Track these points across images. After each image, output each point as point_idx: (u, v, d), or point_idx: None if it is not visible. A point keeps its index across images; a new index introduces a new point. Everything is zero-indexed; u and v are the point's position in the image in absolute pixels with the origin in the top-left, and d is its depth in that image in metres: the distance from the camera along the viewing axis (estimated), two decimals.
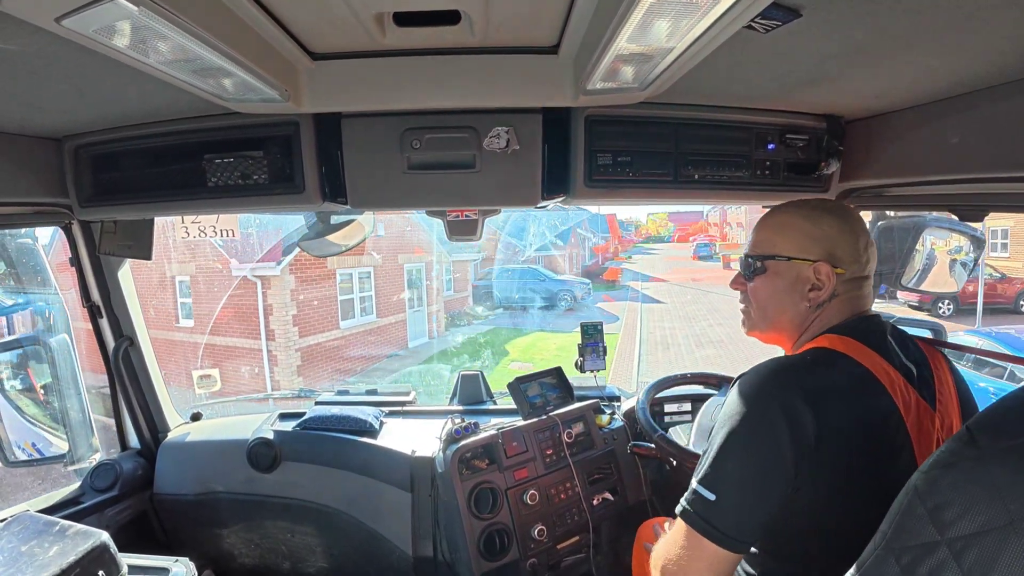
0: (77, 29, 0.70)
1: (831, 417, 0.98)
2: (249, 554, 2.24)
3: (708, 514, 0.99)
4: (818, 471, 0.98)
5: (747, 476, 1.00)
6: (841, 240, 1.13)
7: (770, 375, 1.04)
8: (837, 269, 1.12)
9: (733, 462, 1.00)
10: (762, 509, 0.99)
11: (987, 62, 1.00)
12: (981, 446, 0.67)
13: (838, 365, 1.05)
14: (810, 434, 0.96)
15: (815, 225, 1.15)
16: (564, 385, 2.20)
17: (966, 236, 1.89)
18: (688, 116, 1.47)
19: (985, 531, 0.63)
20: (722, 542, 0.98)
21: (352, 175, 1.42)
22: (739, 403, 1.02)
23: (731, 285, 1.29)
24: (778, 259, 1.17)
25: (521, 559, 1.85)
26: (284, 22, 0.91)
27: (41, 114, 1.32)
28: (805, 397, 0.98)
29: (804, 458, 0.96)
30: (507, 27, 0.98)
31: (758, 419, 1.00)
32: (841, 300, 1.14)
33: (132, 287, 2.07)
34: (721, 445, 1.01)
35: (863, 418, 1.01)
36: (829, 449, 0.97)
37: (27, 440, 1.88)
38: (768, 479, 0.99)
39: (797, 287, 1.16)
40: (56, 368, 1.81)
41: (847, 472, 0.99)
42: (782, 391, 1.00)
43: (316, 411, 2.26)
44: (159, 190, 1.50)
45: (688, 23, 0.76)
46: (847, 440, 0.99)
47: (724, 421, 1.03)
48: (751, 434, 1.00)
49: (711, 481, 1.00)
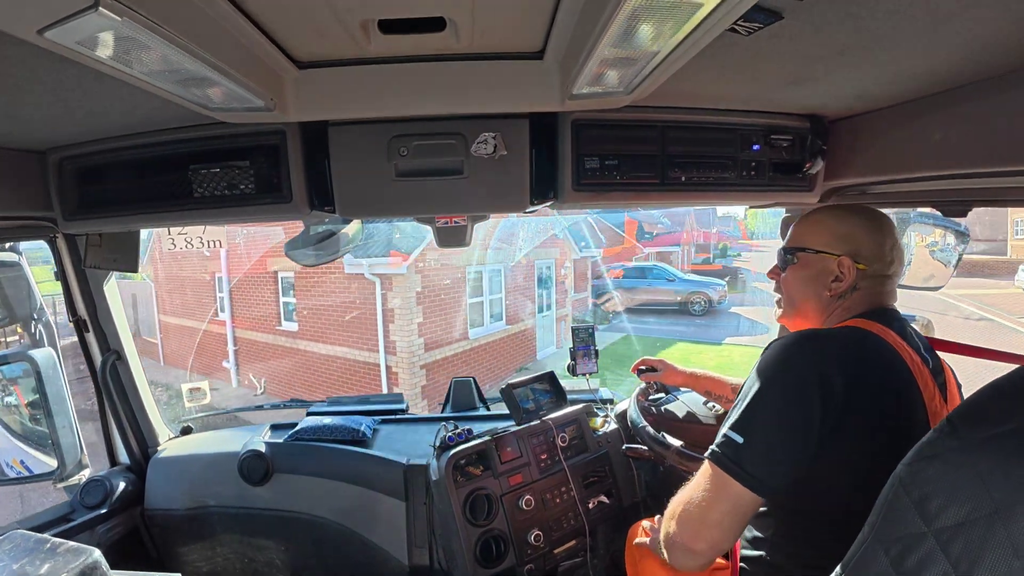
0: (60, 41, 0.69)
1: (859, 381, 1.05)
2: (243, 568, 2.22)
3: (737, 455, 1.06)
4: (844, 429, 1.04)
5: (776, 424, 1.07)
6: (866, 239, 1.25)
7: (803, 339, 1.13)
8: (859, 264, 1.24)
9: (763, 411, 1.08)
10: (788, 456, 1.06)
11: (965, 60, 1.02)
12: (963, 436, 0.68)
13: (867, 340, 1.14)
14: (839, 393, 1.03)
15: (842, 224, 1.28)
16: (557, 389, 2.20)
17: (950, 231, 1.92)
18: (673, 119, 1.48)
19: (971, 520, 0.64)
20: (748, 482, 1.05)
21: (340, 183, 1.42)
22: (772, 361, 1.11)
23: (768, 274, 1.44)
24: (807, 251, 1.31)
25: (518, 565, 1.85)
26: (269, 31, 0.91)
27: (24, 127, 1.30)
28: (836, 360, 1.07)
29: (831, 414, 1.03)
30: (492, 33, 0.99)
31: (791, 375, 1.08)
32: (862, 293, 1.25)
33: (119, 300, 2.05)
34: (753, 396, 1.09)
35: (887, 387, 1.08)
36: (856, 409, 1.04)
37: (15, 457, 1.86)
38: (796, 429, 1.05)
39: (821, 278, 1.28)
40: (43, 384, 1.78)
41: (871, 433, 1.06)
42: (814, 352, 1.10)
43: (308, 422, 2.24)
44: (144, 202, 1.49)
45: (671, 27, 0.76)
46: (872, 403, 1.06)
47: (756, 376, 1.11)
48: (783, 387, 1.08)
49: (741, 426, 1.08)
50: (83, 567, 1.00)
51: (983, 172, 1.16)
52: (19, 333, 3.70)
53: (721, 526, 1.08)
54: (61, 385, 1.82)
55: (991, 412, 0.68)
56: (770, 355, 1.12)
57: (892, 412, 1.07)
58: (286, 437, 2.19)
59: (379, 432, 2.28)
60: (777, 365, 1.10)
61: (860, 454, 1.05)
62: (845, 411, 1.03)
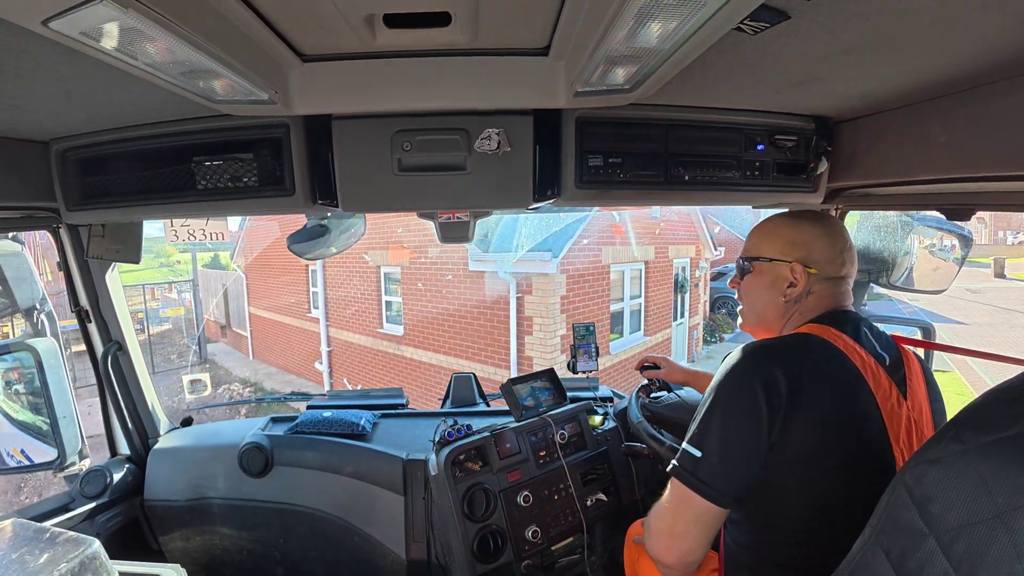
0: (64, 31, 0.69)
1: (802, 380, 1.10)
2: (241, 560, 2.22)
3: (695, 469, 1.12)
4: (791, 427, 1.08)
5: (727, 433, 1.12)
6: (817, 244, 1.30)
7: (750, 350, 1.17)
8: (811, 269, 1.30)
9: (715, 422, 1.13)
10: (742, 463, 1.11)
11: (973, 62, 1.02)
12: (966, 440, 0.68)
13: (812, 344, 1.18)
14: (782, 393, 1.08)
15: (794, 231, 1.34)
16: (556, 386, 2.20)
17: (954, 235, 1.91)
18: (678, 117, 1.47)
19: (973, 523, 0.64)
20: (707, 494, 1.10)
21: (343, 177, 1.41)
22: (723, 375, 1.16)
23: (729, 284, 1.49)
24: (762, 260, 1.37)
25: (515, 561, 1.85)
26: (274, 24, 0.91)
27: (28, 117, 1.30)
28: (779, 365, 1.11)
29: (777, 414, 1.08)
30: (498, 29, 0.98)
31: (737, 385, 1.13)
32: (816, 297, 1.31)
33: (120, 291, 2.06)
34: (706, 409, 1.15)
35: (833, 383, 1.13)
36: (801, 406, 1.08)
37: (15, 447, 1.86)
38: (745, 434, 1.10)
39: (777, 284, 1.34)
40: (44, 373, 1.79)
41: (819, 429, 1.10)
42: (758, 360, 1.15)
43: (308, 415, 2.25)
44: (147, 193, 1.49)
45: (678, 25, 0.76)
46: (817, 399, 1.10)
47: (710, 391, 1.17)
48: (731, 398, 1.13)
49: (697, 440, 1.14)
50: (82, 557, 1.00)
51: (988, 176, 1.15)
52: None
53: (687, 537, 1.13)
54: (62, 375, 1.82)
55: (994, 417, 0.68)
56: (722, 368, 1.18)
57: (839, 409, 1.11)
58: (286, 430, 2.19)
59: (379, 426, 2.29)
60: (726, 377, 1.15)
61: (811, 453, 1.09)
62: (790, 409, 1.08)
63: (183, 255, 24.02)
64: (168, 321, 17.35)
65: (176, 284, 19.68)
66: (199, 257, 22.10)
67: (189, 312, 16.96)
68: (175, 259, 26.65)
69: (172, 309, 17.33)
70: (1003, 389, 0.69)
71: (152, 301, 18.09)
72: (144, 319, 15.75)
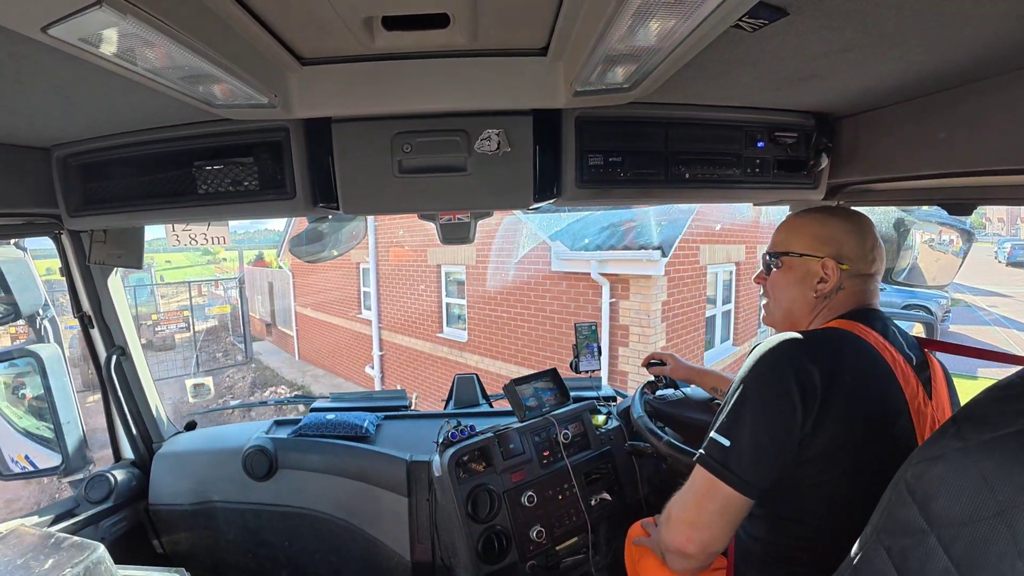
0: (63, 38, 0.69)
1: (836, 375, 1.07)
2: (246, 564, 2.23)
3: (724, 458, 1.10)
4: (824, 422, 1.06)
5: (759, 424, 1.09)
6: (847, 240, 1.28)
7: (783, 341, 1.15)
8: (842, 265, 1.27)
9: (746, 412, 1.10)
10: (773, 455, 1.09)
11: (973, 57, 1.01)
12: (967, 438, 0.68)
13: (845, 338, 1.16)
14: (817, 387, 1.06)
15: (823, 226, 1.31)
16: (559, 386, 2.20)
17: (955, 230, 1.91)
18: (678, 115, 1.47)
19: (974, 521, 0.64)
20: (735, 484, 1.08)
21: (343, 180, 1.42)
22: (753, 364, 1.14)
23: (754, 280, 1.47)
24: (791, 255, 1.34)
25: (520, 561, 1.85)
26: (273, 27, 0.91)
27: (28, 123, 1.30)
28: (813, 357, 1.09)
29: (811, 409, 1.06)
30: (496, 29, 0.98)
31: (770, 375, 1.11)
32: (846, 293, 1.28)
33: (123, 296, 2.06)
34: (736, 399, 1.12)
35: (865, 380, 1.11)
36: (834, 402, 1.06)
37: (20, 453, 1.87)
38: (778, 427, 1.08)
39: (807, 280, 1.31)
40: (47, 379, 1.79)
41: (849, 425, 1.08)
42: (792, 352, 1.12)
43: (311, 417, 2.25)
44: (149, 198, 1.49)
45: (676, 23, 0.76)
46: (850, 395, 1.08)
47: (739, 380, 1.14)
48: (763, 387, 1.11)
49: (726, 429, 1.11)
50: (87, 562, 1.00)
51: (989, 170, 1.15)
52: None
53: (711, 528, 1.11)
54: (66, 380, 1.83)
55: (995, 414, 0.68)
56: (752, 358, 1.16)
57: (870, 406, 1.10)
58: (290, 433, 2.19)
59: (382, 428, 2.29)
60: (758, 366, 1.13)
61: (840, 449, 1.08)
62: (824, 405, 1.06)
63: (229, 252, 23.86)
64: (214, 318, 17.28)
65: (223, 281, 19.65)
66: (244, 255, 21.86)
67: (235, 310, 16.86)
68: (221, 256, 26.60)
69: (218, 307, 17.24)
70: (1003, 386, 0.69)
71: (198, 297, 18.01)
72: (190, 316, 15.67)
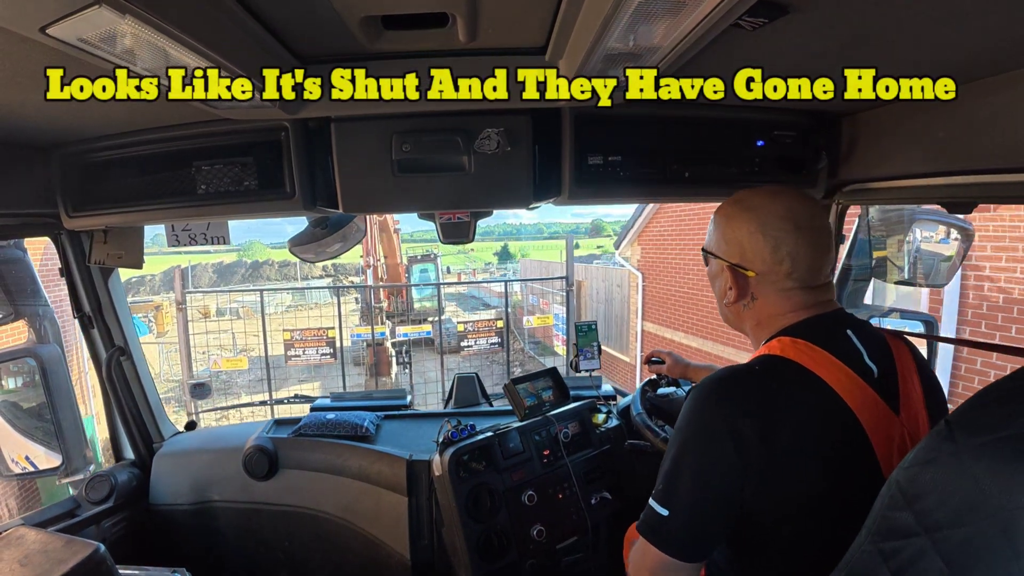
0: (62, 37, 0.69)
1: (776, 426, 0.97)
2: (246, 563, 2.23)
3: (662, 528, 1.02)
4: (767, 473, 0.97)
5: (697, 488, 1.01)
6: (751, 243, 1.09)
7: (714, 387, 1.04)
8: (748, 272, 1.10)
9: (684, 475, 1.02)
10: (714, 522, 1.02)
11: (972, 57, 1.01)
12: (959, 441, 0.68)
13: (784, 373, 1.02)
14: (754, 441, 0.96)
15: (731, 224, 1.13)
16: (559, 385, 2.20)
17: (955, 228, 1.91)
18: (677, 114, 1.47)
19: (967, 524, 0.64)
20: (676, 554, 1.01)
21: (343, 179, 1.41)
22: (687, 417, 1.04)
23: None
24: (707, 254, 1.19)
25: (520, 560, 1.85)
26: (273, 27, 0.91)
27: (27, 123, 1.30)
28: (745, 413, 0.98)
29: (751, 463, 0.96)
30: (495, 29, 0.98)
31: (703, 434, 1.01)
32: (764, 303, 1.11)
33: (123, 296, 2.06)
34: (671, 462, 1.04)
35: (810, 422, 0.99)
36: (777, 451, 0.96)
37: (20, 453, 1.87)
38: (717, 491, 1.00)
39: (719, 283, 1.17)
40: (48, 380, 1.79)
41: (800, 467, 0.98)
42: (724, 404, 1.01)
43: (311, 417, 2.24)
44: (148, 198, 1.49)
45: (675, 22, 0.76)
46: (794, 440, 0.97)
47: (675, 436, 1.05)
48: (698, 447, 1.01)
49: (664, 497, 1.03)
50: (88, 562, 1.01)
51: (989, 169, 1.15)
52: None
53: None
54: (66, 381, 1.83)
55: (987, 417, 0.67)
56: (686, 407, 1.05)
57: (821, 447, 0.99)
58: (290, 432, 2.19)
59: (382, 428, 2.29)
60: (691, 423, 1.03)
61: (795, 491, 0.99)
62: (766, 456, 0.96)
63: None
64: None
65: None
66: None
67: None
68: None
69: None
70: (995, 389, 0.69)
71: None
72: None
